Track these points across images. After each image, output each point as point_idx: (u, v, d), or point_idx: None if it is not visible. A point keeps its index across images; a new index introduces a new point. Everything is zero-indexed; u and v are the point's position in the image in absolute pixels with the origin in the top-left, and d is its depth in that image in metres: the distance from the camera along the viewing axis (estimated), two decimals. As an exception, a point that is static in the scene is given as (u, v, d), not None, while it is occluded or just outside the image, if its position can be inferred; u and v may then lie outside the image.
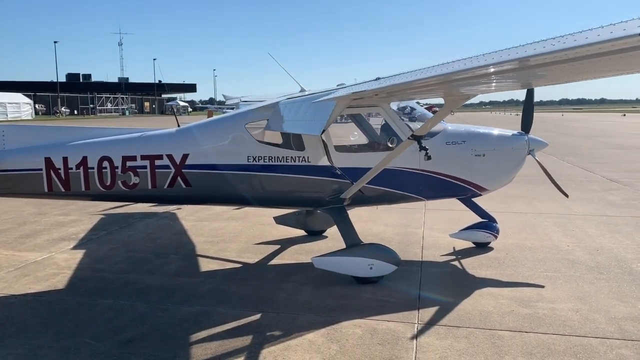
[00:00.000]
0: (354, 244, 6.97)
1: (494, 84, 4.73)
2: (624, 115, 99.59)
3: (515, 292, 6.52)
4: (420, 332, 5.37)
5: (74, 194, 7.02)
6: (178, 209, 11.67)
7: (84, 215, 11.22)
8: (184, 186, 7.01)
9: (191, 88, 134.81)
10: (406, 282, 6.88)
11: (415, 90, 5.59)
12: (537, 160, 8.30)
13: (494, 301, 6.21)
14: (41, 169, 6.83)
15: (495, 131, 8.20)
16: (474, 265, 7.62)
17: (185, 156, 6.96)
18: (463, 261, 7.86)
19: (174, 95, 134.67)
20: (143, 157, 6.93)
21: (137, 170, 6.93)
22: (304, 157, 7.09)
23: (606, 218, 10.72)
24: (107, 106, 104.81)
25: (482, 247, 8.50)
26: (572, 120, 75.96)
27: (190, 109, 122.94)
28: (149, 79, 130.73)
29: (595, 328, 5.45)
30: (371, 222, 10.20)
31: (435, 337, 5.27)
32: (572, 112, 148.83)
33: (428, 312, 5.88)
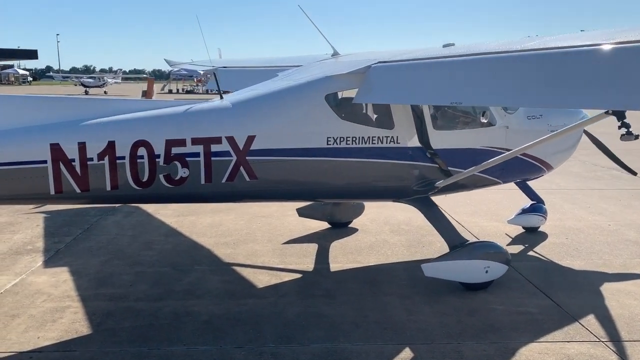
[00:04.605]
0: (459, 243, 5.73)
1: None
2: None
3: (640, 287, 5.81)
4: (622, 355, 4.37)
5: (94, 196, 4.88)
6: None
7: (16, 214, 8.50)
8: (247, 179, 5.20)
9: (31, 54, 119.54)
10: (517, 285, 5.84)
11: None
12: (591, 136, 7.68)
13: (638, 301, 5.42)
14: (45, 161, 4.59)
15: None
16: (557, 255, 6.82)
17: (250, 139, 5.13)
18: (538, 250, 7.03)
19: (10, 63, 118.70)
20: (195, 141, 4.98)
21: (186, 159, 4.97)
22: (392, 137, 5.64)
23: (601, 191, 10.63)
24: None
25: (532, 232, 7.78)
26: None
27: (30, 79, 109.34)
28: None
29: None
30: (385, 208, 8.94)
31: (645, 359, 4.30)
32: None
33: (593, 324, 4.90)
